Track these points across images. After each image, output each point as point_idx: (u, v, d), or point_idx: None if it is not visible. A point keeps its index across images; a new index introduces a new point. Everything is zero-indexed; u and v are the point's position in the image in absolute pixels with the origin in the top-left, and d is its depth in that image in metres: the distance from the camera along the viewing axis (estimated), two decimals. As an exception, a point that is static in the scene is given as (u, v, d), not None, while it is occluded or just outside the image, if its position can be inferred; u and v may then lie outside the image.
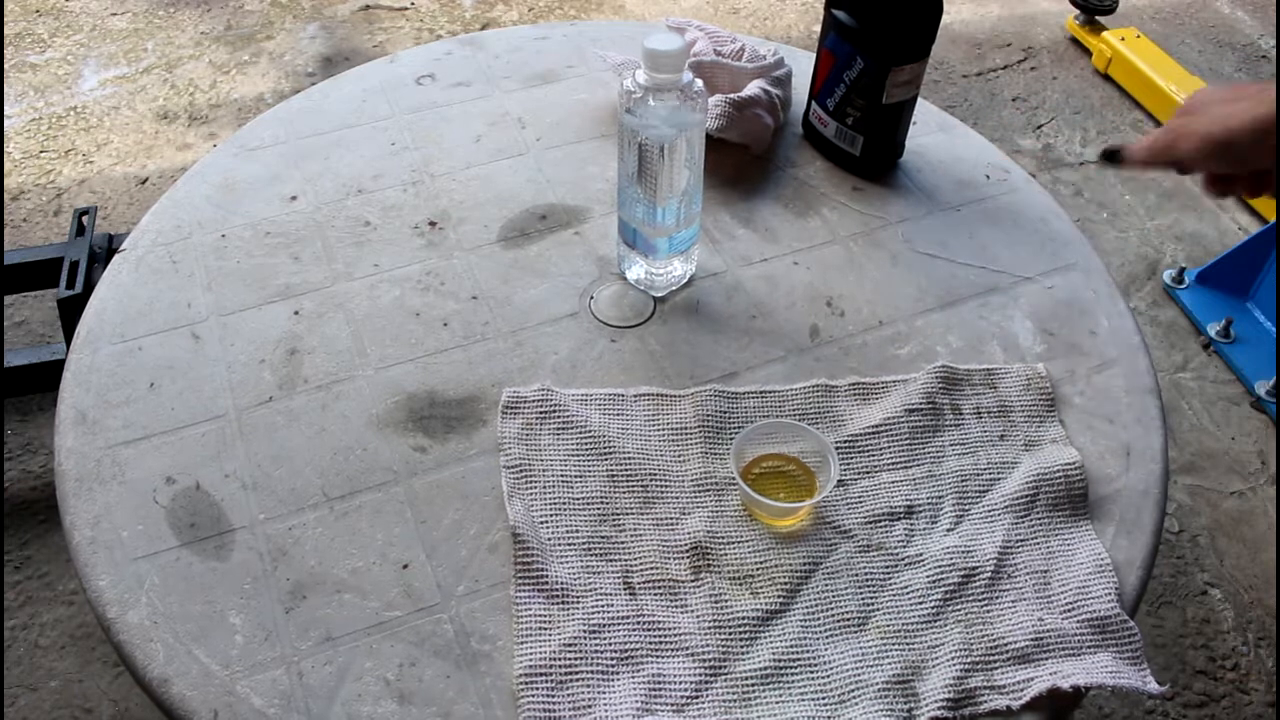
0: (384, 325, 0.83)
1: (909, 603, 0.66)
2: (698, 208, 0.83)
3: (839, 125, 0.96)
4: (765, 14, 2.62)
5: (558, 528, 0.69)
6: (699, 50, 1.02)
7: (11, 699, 1.29)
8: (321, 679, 0.62)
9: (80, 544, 0.68)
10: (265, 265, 0.88)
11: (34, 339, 1.73)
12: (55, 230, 1.93)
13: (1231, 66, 2.51)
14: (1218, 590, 1.47)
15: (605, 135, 1.02)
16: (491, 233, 0.92)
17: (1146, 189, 2.15)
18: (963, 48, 2.52)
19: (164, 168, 2.07)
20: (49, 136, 2.14)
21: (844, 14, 0.90)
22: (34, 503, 1.51)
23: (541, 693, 0.61)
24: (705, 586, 0.67)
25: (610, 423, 0.76)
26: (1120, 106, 2.37)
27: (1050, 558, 0.69)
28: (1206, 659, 1.39)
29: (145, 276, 0.87)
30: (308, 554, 0.68)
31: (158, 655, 0.63)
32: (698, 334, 0.83)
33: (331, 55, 2.39)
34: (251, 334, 0.82)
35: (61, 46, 2.39)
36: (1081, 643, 0.64)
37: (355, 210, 0.94)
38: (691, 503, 0.71)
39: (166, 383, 0.78)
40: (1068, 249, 0.92)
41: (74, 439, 0.74)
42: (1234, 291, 1.87)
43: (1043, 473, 0.72)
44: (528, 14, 2.57)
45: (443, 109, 1.05)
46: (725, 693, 0.62)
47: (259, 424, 0.76)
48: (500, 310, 0.85)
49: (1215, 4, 2.74)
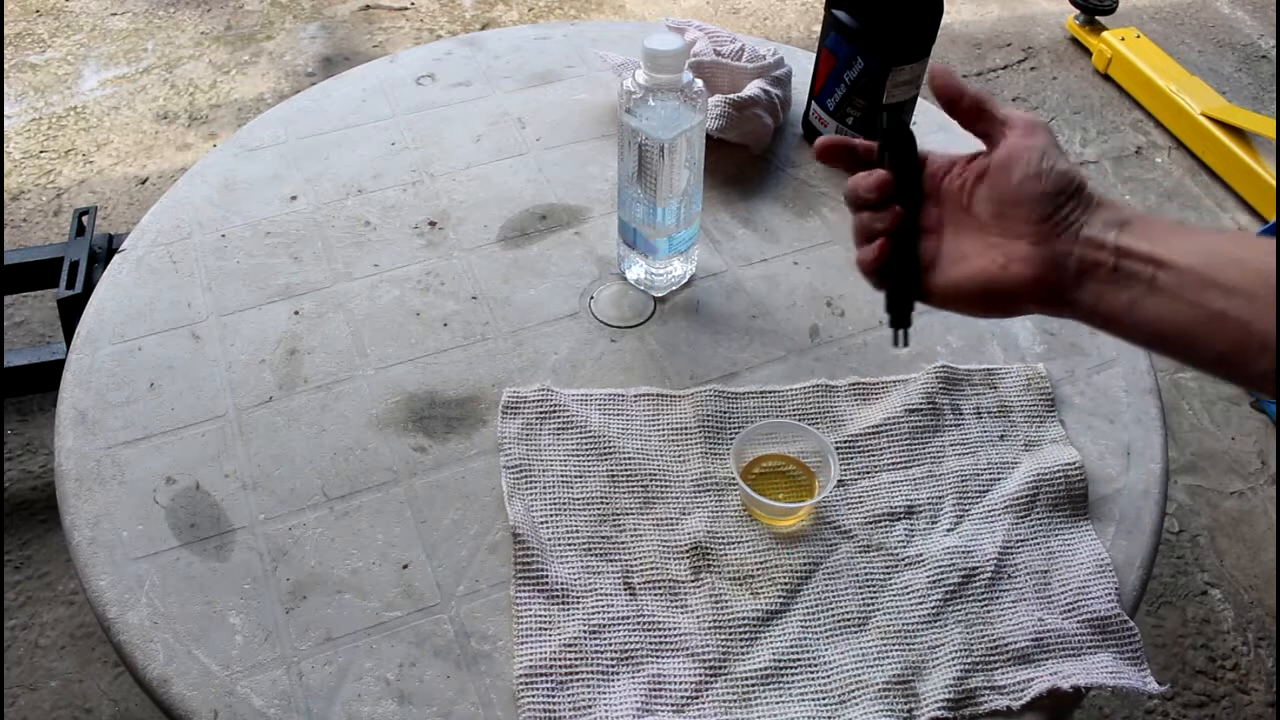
0: (384, 325, 0.83)
1: (909, 603, 0.66)
2: (698, 208, 0.83)
3: (839, 125, 0.96)
4: (765, 14, 2.62)
5: (558, 528, 0.69)
6: (699, 50, 1.02)
7: (11, 699, 1.29)
8: (321, 679, 0.62)
9: (80, 544, 0.68)
10: (265, 265, 0.88)
11: (34, 339, 1.73)
12: (55, 230, 1.93)
13: (1231, 66, 2.51)
14: (1218, 590, 1.47)
15: (605, 135, 1.02)
16: (491, 233, 0.92)
17: (1147, 189, 2.15)
18: (963, 48, 2.52)
19: (164, 168, 2.07)
20: (49, 136, 2.14)
21: (844, 14, 0.90)
22: (34, 503, 1.51)
23: (542, 693, 0.61)
24: (705, 587, 0.67)
25: (610, 423, 0.76)
26: (1120, 106, 2.37)
27: (1050, 558, 0.69)
28: (1206, 659, 1.39)
29: (145, 276, 0.87)
30: (308, 554, 0.68)
31: (158, 655, 0.63)
32: (698, 334, 0.83)
33: (331, 55, 2.39)
34: (251, 334, 0.82)
35: (61, 46, 2.39)
36: (1082, 643, 0.64)
37: (355, 210, 0.94)
38: (691, 503, 0.71)
39: (166, 383, 0.78)
40: (1068, 249, 0.92)
41: (74, 439, 0.74)
42: (1234, 291, 1.87)
43: (1043, 473, 0.72)
44: (528, 14, 2.57)
45: (443, 109, 1.05)
46: (725, 693, 0.62)
47: (259, 424, 0.76)
48: (500, 310, 0.85)
49: (1215, 4, 2.74)
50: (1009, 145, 0.55)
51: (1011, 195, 0.54)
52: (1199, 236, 0.49)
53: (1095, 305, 0.51)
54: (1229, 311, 0.46)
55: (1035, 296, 0.53)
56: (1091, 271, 0.51)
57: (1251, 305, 0.46)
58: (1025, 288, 0.53)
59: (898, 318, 0.59)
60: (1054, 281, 0.52)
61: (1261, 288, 0.46)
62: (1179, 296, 0.48)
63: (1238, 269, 0.46)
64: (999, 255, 0.54)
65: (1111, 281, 0.50)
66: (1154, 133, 2.30)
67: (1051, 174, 0.53)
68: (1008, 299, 0.54)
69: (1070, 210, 0.52)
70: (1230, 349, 0.47)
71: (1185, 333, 0.48)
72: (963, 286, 0.55)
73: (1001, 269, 0.53)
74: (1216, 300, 0.47)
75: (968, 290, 0.55)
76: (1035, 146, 0.54)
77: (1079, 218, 0.52)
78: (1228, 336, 0.47)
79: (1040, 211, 0.52)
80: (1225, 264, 0.47)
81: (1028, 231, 0.53)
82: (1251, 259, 0.47)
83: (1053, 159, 0.53)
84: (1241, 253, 0.47)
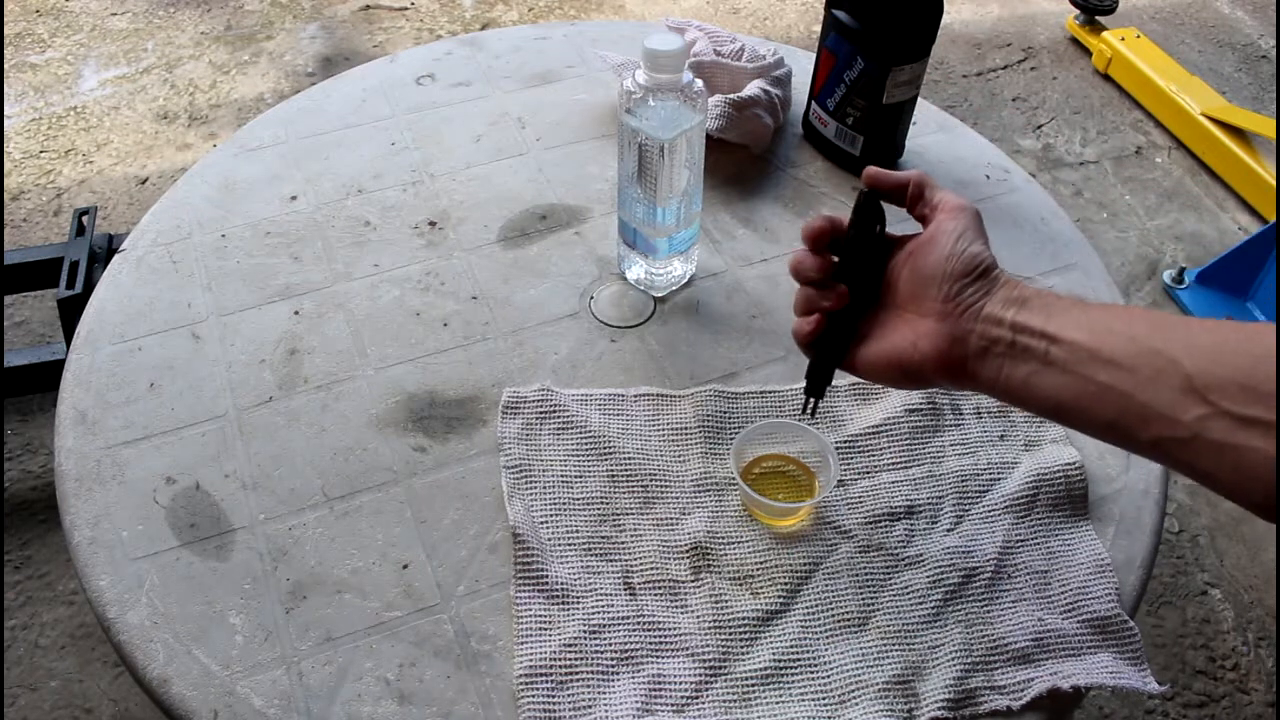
0: (384, 325, 0.83)
1: (909, 603, 0.66)
2: (698, 208, 0.83)
3: (839, 125, 0.96)
4: (765, 14, 2.62)
5: (558, 528, 0.69)
6: (699, 50, 1.02)
7: (11, 699, 1.29)
8: (322, 679, 0.62)
9: (80, 544, 0.68)
10: (265, 265, 0.88)
11: (34, 339, 1.73)
12: (55, 230, 1.93)
13: (1231, 66, 2.51)
14: (1218, 590, 1.47)
15: (605, 135, 1.02)
16: (491, 233, 0.92)
17: (1146, 189, 2.15)
18: (963, 48, 2.52)
19: (164, 168, 2.07)
20: (49, 136, 2.14)
21: (844, 14, 0.90)
22: (34, 503, 1.51)
23: (542, 693, 0.61)
24: (705, 587, 0.67)
25: (610, 423, 0.76)
26: (1120, 106, 2.37)
27: (1050, 558, 0.69)
28: (1206, 659, 1.39)
29: (145, 276, 0.87)
30: (308, 554, 0.68)
31: (158, 655, 0.63)
32: (698, 334, 0.83)
33: (331, 55, 2.39)
34: (251, 334, 0.82)
35: (61, 46, 2.39)
36: (1082, 643, 0.64)
37: (355, 210, 0.94)
38: (692, 503, 0.71)
39: (166, 383, 0.78)
40: (1068, 249, 0.92)
41: (74, 439, 0.74)
42: (1234, 291, 1.87)
43: (1043, 473, 0.72)
44: (528, 14, 2.57)
45: (443, 109, 1.05)
46: (725, 693, 0.62)
47: (259, 424, 0.76)
48: (500, 310, 0.85)
49: (1215, 4, 2.74)
50: (933, 227, 0.59)
51: (926, 275, 0.57)
52: (1090, 311, 0.52)
53: (996, 379, 0.54)
54: (1114, 384, 0.49)
55: (940, 371, 0.56)
56: (991, 348, 0.54)
57: (1133, 378, 0.48)
58: (930, 363, 0.56)
59: (812, 388, 0.64)
60: (958, 357, 0.55)
61: (1141, 361, 0.48)
62: (1068, 370, 0.51)
63: (1120, 342, 0.49)
64: (910, 332, 0.58)
65: (1010, 356, 0.53)
66: (1154, 133, 2.30)
67: (962, 256, 0.56)
68: (916, 373, 0.58)
69: (975, 291, 0.56)
70: (1117, 418, 0.49)
71: (1077, 404, 0.51)
72: (878, 362, 0.59)
73: (912, 345, 0.57)
74: (1101, 373, 0.50)
75: (882, 365, 0.59)
76: (953, 230, 0.58)
77: (982, 298, 0.55)
78: (1114, 406, 0.49)
79: (947, 291, 0.56)
80: (1109, 337, 0.50)
81: (935, 310, 0.56)
82: (1132, 333, 0.50)
83: (968, 241, 0.57)
84: (1123, 326, 0.50)
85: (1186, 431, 0.46)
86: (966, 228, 0.58)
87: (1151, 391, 0.48)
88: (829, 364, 0.63)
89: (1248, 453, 0.44)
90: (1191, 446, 0.47)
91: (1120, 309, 0.53)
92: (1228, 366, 0.46)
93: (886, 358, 0.59)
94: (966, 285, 0.56)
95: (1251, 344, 0.46)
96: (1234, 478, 0.46)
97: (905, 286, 0.59)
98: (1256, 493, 0.45)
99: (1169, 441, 0.48)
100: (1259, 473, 0.44)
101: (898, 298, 0.60)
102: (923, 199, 0.61)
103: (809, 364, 0.63)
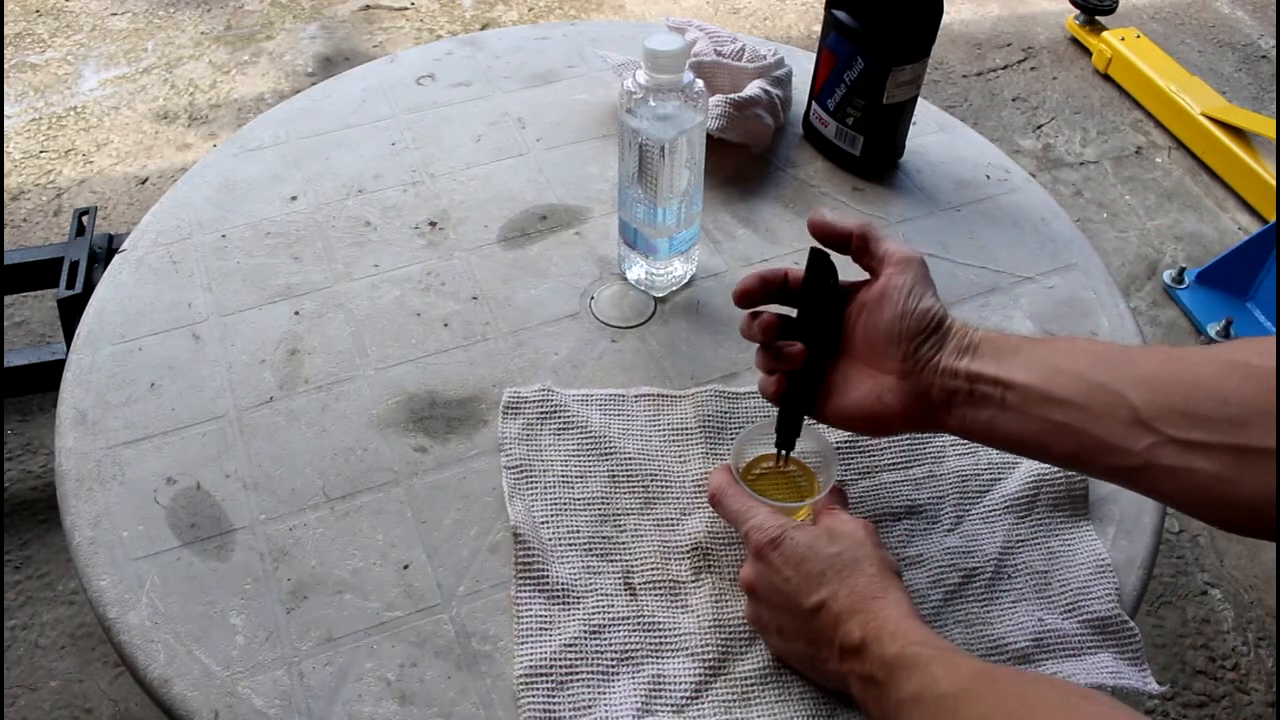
0: (384, 325, 0.83)
1: (909, 603, 0.66)
2: (698, 208, 0.83)
3: (839, 125, 0.96)
4: (765, 14, 2.62)
5: (558, 528, 0.69)
6: (699, 50, 1.02)
7: (11, 699, 1.30)
8: (322, 679, 0.62)
9: (80, 544, 0.68)
10: (265, 265, 0.88)
11: (34, 339, 1.73)
12: (55, 230, 1.93)
13: (1231, 66, 2.51)
14: (1218, 590, 1.47)
15: (605, 135, 1.02)
16: (492, 233, 0.92)
17: (1146, 189, 2.15)
18: (963, 48, 2.52)
19: (164, 168, 2.07)
20: (49, 136, 2.14)
21: (844, 14, 0.90)
22: (34, 503, 1.51)
23: (542, 693, 0.61)
24: (706, 587, 0.67)
25: (611, 423, 0.76)
26: (1120, 106, 2.37)
27: (1050, 558, 0.69)
28: (1206, 659, 1.40)
29: (145, 276, 0.87)
30: (308, 554, 0.68)
31: (158, 656, 0.63)
32: (698, 334, 0.83)
33: (331, 55, 2.39)
34: (252, 334, 0.82)
35: (61, 46, 2.39)
36: (1082, 643, 0.64)
37: (355, 210, 0.94)
38: (692, 503, 0.71)
39: (167, 383, 0.78)
40: (1068, 249, 0.92)
41: (74, 439, 0.74)
42: (1234, 291, 1.87)
43: (1043, 473, 0.72)
44: (528, 14, 2.57)
45: (443, 109, 1.05)
46: (725, 693, 0.62)
47: (259, 424, 0.76)
48: (501, 310, 0.85)
49: (1215, 4, 2.74)
50: (882, 281, 0.61)
51: (882, 334, 0.60)
52: (1036, 350, 0.56)
53: (961, 425, 0.58)
54: (1068, 422, 0.53)
55: (908, 423, 0.60)
56: (953, 398, 0.57)
57: (1084, 414, 0.52)
58: (898, 416, 0.60)
59: (782, 441, 0.67)
60: (922, 410, 0.59)
61: (1090, 398, 0.52)
62: (1024, 412, 0.54)
63: (1068, 381, 0.53)
64: (874, 386, 0.61)
65: (970, 404, 0.57)
66: (1154, 133, 2.30)
67: (914, 314, 0.59)
68: (885, 424, 0.61)
69: (930, 346, 0.59)
70: (1077, 452, 0.53)
71: (1038, 441, 0.55)
72: (849, 414, 0.63)
73: (878, 400, 0.60)
74: (1055, 413, 0.53)
75: (853, 417, 0.63)
76: (903, 286, 0.60)
77: (937, 352, 0.58)
78: (1072, 442, 0.53)
79: (904, 350, 0.59)
80: (1058, 377, 0.53)
81: (895, 368, 0.60)
82: (1078, 370, 0.53)
83: (917, 298, 0.60)
84: (1069, 364, 0.54)
85: (1140, 460, 0.50)
86: (915, 282, 0.60)
87: (1104, 426, 0.51)
88: (796, 418, 0.66)
89: (1196, 474, 0.48)
90: (1147, 473, 0.50)
91: (1064, 344, 0.56)
92: (1169, 395, 0.49)
93: (857, 410, 0.62)
94: (922, 343, 0.59)
95: (1187, 373, 0.50)
96: (1188, 498, 0.49)
97: (862, 342, 0.62)
98: (1211, 508, 0.49)
99: (1126, 470, 0.51)
100: (1209, 492, 0.48)
101: (856, 349, 0.63)
102: (869, 251, 0.63)
103: (778, 419, 0.66)
